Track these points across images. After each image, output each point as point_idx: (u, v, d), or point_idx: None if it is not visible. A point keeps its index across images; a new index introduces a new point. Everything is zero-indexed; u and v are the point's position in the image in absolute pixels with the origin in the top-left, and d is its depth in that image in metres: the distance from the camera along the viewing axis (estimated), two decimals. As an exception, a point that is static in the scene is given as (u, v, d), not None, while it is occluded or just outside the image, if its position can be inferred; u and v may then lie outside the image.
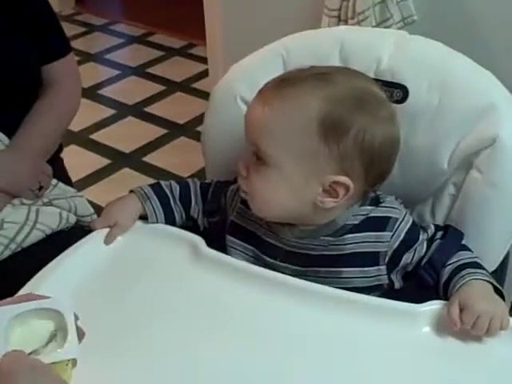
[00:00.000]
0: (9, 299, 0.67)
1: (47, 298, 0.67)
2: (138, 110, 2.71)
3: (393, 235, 0.83)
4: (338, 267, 0.84)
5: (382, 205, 0.85)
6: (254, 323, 0.78)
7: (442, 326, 0.76)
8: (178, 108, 2.71)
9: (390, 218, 0.84)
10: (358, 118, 0.78)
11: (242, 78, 0.98)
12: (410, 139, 0.90)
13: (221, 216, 0.93)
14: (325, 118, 0.77)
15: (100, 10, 3.71)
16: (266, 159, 0.80)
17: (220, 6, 1.81)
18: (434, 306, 0.78)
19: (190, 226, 0.95)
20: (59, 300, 0.66)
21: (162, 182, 0.96)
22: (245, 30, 1.75)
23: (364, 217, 0.84)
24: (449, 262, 0.83)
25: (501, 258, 0.88)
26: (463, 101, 0.87)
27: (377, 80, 0.88)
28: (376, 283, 0.84)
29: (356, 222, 0.84)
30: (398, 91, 0.90)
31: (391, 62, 0.91)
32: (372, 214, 0.84)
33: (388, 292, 0.85)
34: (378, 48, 0.92)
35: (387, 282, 0.85)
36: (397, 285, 0.86)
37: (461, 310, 0.75)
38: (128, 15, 3.66)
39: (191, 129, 2.55)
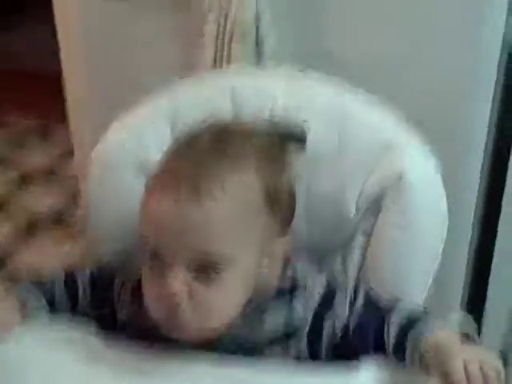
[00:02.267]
0: None
1: None
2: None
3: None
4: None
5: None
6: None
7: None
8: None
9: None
10: (283, 177, 0.74)
11: (128, 137, 0.89)
12: (313, 185, 0.84)
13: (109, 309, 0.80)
14: (267, 190, 0.70)
15: None
16: (218, 262, 0.66)
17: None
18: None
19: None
20: None
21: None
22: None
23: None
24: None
25: (423, 298, 0.82)
26: (363, 138, 0.82)
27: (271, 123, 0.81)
28: None
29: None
30: (295, 135, 0.84)
31: (285, 103, 0.85)
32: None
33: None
34: (270, 90, 0.87)
35: None
36: None
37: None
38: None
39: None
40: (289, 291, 0.75)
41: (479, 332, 1.22)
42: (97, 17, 1.36)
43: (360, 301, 0.75)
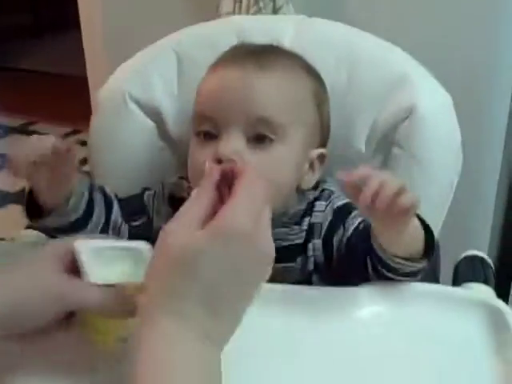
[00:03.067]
0: None
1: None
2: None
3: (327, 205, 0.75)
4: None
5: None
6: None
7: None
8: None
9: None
10: (324, 94, 0.77)
11: (132, 77, 0.88)
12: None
13: (144, 219, 0.80)
14: (315, 91, 0.75)
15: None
16: (274, 130, 0.69)
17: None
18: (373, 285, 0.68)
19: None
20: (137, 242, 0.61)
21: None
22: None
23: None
24: None
25: (437, 232, 0.80)
26: (373, 74, 0.82)
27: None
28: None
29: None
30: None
31: (293, 45, 0.84)
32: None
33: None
34: (277, 33, 0.86)
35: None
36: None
37: None
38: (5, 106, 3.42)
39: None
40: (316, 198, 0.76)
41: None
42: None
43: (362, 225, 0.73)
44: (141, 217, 0.80)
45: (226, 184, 0.50)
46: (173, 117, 0.87)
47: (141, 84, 0.86)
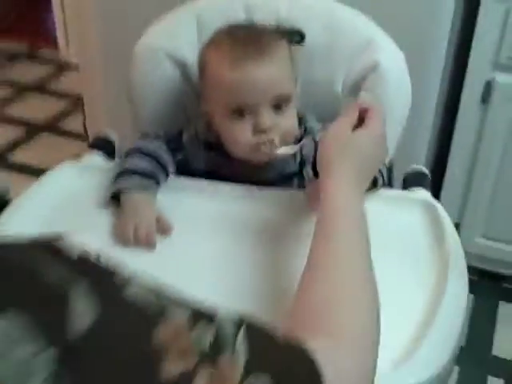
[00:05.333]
0: None
1: None
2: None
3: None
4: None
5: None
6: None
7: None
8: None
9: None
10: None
11: (162, 36, 1.14)
12: (308, 74, 1.11)
13: (181, 156, 1.06)
14: (291, 53, 1.01)
15: None
16: (288, 99, 0.97)
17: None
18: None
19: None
20: None
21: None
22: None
23: None
24: None
25: (393, 150, 1.12)
26: (347, 37, 1.11)
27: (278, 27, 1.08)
28: None
29: None
30: (296, 36, 1.11)
31: (288, 13, 1.12)
32: None
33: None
34: (275, 2, 1.14)
35: None
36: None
37: None
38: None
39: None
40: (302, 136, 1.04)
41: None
42: None
43: None
44: (179, 154, 1.06)
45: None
46: (194, 67, 1.13)
47: (171, 41, 1.12)
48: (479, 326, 1.81)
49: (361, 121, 0.83)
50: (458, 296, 0.83)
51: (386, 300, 0.67)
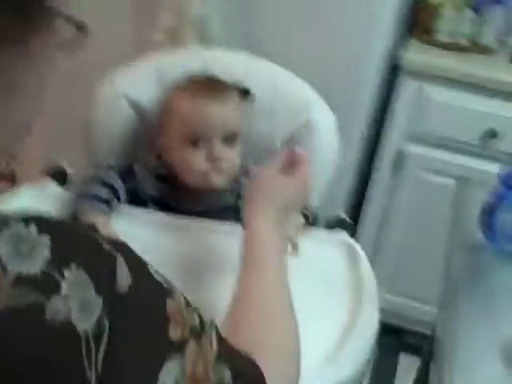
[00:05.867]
0: None
1: None
2: None
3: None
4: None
5: None
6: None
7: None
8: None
9: None
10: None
11: (124, 82, 1.29)
12: (253, 127, 1.27)
13: (132, 185, 1.19)
14: (241, 105, 1.20)
15: None
16: (237, 136, 1.16)
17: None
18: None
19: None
20: None
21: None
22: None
23: None
24: None
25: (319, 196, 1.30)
26: (286, 97, 1.29)
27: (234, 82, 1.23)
28: None
29: None
30: (246, 93, 1.24)
31: (240, 73, 1.28)
32: None
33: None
34: (229, 60, 1.33)
35: None
36: None
37: None
38: None
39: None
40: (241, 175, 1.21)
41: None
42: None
43: None
44: (130, 184, 1.19)
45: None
46: (148, 108, 1.27)
47: (131, 86, 1.28)
48: (380, 376, 1.94)
49: (291, 165, 0.93)
50: (371, 314, 0.99)
51: (310, 318, 0.79)
